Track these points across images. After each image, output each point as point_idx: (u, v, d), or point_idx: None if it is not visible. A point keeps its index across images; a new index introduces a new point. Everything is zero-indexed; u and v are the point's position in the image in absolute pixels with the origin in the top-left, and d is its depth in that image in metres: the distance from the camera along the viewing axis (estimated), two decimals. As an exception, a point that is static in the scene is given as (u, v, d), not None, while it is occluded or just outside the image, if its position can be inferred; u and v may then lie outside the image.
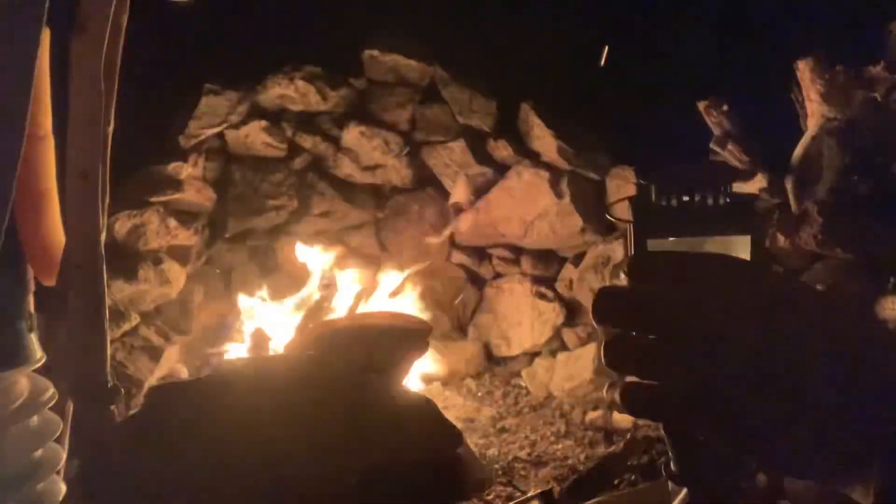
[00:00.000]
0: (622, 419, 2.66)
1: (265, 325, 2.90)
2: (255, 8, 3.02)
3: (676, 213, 0.69)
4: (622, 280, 0.51)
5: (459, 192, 3.00)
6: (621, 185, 2.84)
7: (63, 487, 0.93)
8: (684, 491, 0.52)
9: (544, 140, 2.91)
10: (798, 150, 2.52)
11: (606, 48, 2.23)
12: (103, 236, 1.31)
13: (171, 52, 2.70)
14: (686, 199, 0.70)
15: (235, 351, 2.86)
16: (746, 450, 0.48)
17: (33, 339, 0.91)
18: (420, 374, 3.03)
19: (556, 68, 3.01)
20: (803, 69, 2.46)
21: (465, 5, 3.06)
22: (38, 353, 0.91)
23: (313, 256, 3.03)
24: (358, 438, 0.89)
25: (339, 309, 2.86)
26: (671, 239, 0.66)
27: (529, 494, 2.26)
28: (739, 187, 2.60)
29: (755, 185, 2.56)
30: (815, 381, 0.46)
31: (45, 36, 1.10)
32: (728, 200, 0.70)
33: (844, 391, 0.46)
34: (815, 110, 2.47)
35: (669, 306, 0.48)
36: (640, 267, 0.51)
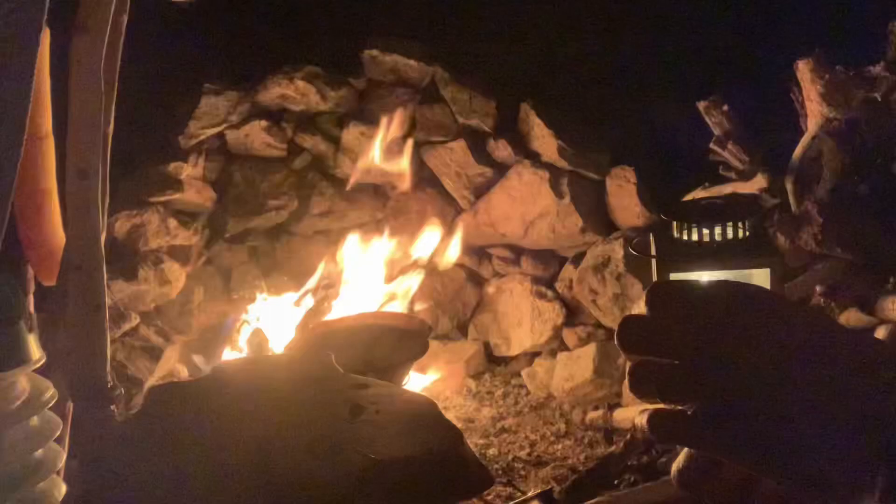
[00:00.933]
0: (622, 419, 2.66)
1: (265, 325, 2.90)
2: (255, 8, 3.02)
3: (697, 247, 0.71)
4: (642, 308, 0.54)
5: None
6: (621, 185, 2.84)
7: (63, 487, 0.93)
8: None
9: (544, 140, 2.91)
10: (798, 150, 2.52)
11: None
12: (103, 236, 1.31)
13: (171, 52, 2.70)
14: (706, 233, 0.71)
15: (235, 351, 2.86)
16: (768, 470, 0.49)
17: (33, 339, 0.91)
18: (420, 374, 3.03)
19: (556, 68, 3.02)
20: (803, 69, 2.46)
21: (465, 5, 3.06)
22: (38, 353, 0.91)
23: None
24: (358, 438, 0.89)
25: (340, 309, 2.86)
26: (693, 273, 0.67)
27: (529, 494, 2.26)
28: (739, 187, 2.60)
29: (755, 185, 2.56)
30: (828, 402, 0.48)
31: (45, 36, 1.10)
32: (747, 234, 0.71)
33: (857, 411, 0.48)
34: (815, 110, 2.47)
35: (686, 331, 0.51)
36: (658, 294, 0.53)
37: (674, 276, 0.65)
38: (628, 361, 0.53)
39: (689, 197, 2.71)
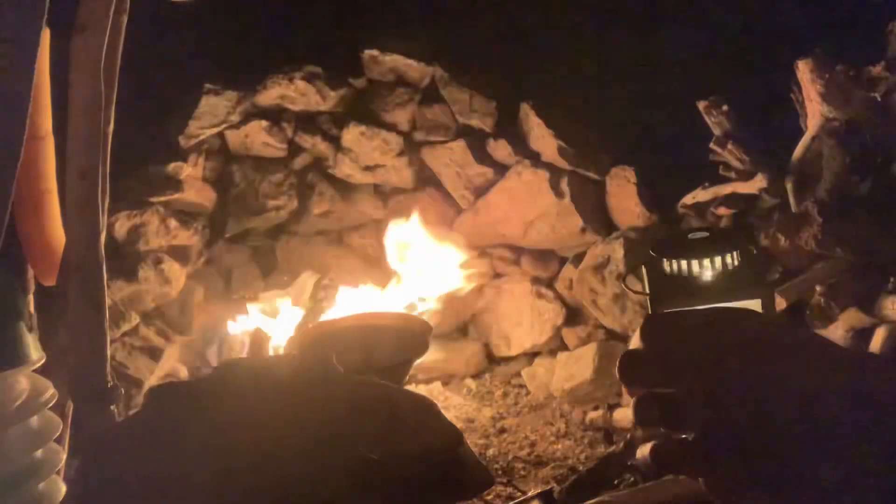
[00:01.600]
0: (622, 419, 2.66)
1: (265, 324, 2.90)
2: (255, 8, 3.02)
3: (687, 281, 0.71)
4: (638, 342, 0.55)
5: None
6: (621, 185, 2.84)
7: (63, 487, 0.93)
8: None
9: (544, 140, 2.91)
10: (798, 150, 2.52)
11: None
12: (103, 236, 1.31)
13: (171, 52, 2.70)
14: (696, 267, 0.71)
15: (235, 351, 2.86)
16: (766, 492, 0.50)
17: (33, 339, 0.91)
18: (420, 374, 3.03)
19: (556, 68, 3.02)
20: (803, 69, 2.46)
21: (465, 5, 3.06)
22: (38, 353, 0.91)
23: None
24: (358, 438, 0.89)
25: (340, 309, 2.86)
26: (686, 307, 0.68)
27: (529, 494, 2.26)
28: (739, 187, 2.60)
29: (755, 185, 2.56)
30: (823, 429, 0.49)
31: (45, 36, 1.10)
32: (737, 266, 0.72)
33: (856, 437, 0.48)
34: (815, 110, 2.47)
35: (680, 360, 0.52)
36: (650, 327, 0.55)
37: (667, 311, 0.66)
38: (632, 395, 0.53)
39: (689, 197, 2.71)
